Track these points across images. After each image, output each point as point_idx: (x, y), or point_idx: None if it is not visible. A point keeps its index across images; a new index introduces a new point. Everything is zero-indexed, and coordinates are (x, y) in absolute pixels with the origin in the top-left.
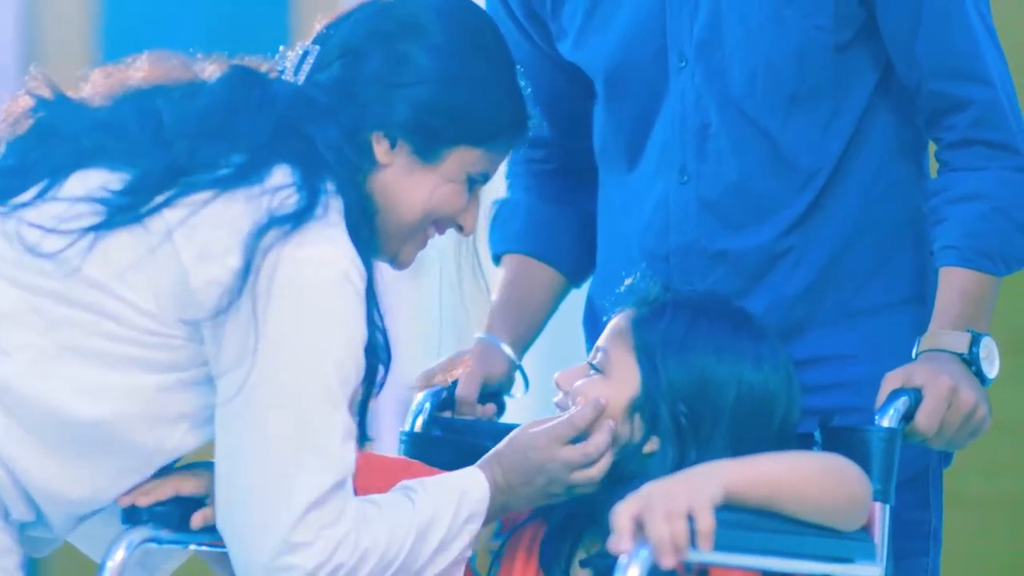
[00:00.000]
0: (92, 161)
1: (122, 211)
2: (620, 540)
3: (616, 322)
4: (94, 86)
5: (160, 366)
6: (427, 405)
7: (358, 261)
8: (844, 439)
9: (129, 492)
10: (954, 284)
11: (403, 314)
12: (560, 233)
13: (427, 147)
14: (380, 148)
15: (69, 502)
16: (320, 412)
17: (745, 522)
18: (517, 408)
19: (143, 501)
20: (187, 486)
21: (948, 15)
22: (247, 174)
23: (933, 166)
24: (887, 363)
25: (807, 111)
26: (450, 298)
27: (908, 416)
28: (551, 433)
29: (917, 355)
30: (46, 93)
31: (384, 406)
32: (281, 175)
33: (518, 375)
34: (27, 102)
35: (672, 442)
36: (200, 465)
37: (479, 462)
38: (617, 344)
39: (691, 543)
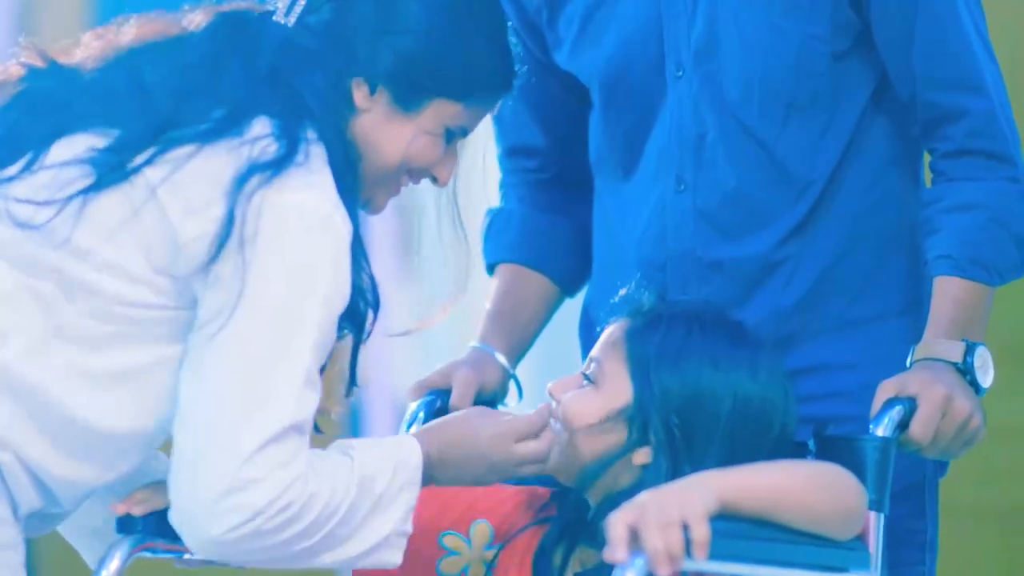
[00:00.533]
0: (78, 126)
1: (108, 170)
2: (616, 549)
3: (610, 332)
4: (86, 49)
5: (159, 339)
6: (421, 414)
7: (342, 207)
8: (839, 448)
9: (125, 500)
10: (948, 293)
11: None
12: (554, 243)
13: (407, 97)
14: (360, 93)
15: (80, 483)
16: (290, 354)
17: (740, 531)
18: None
19: (138, 510)
20: None
21: (944, 25)
22: (228, 126)
23: (927, 176)
24: (882, 373)
25: (803, 121)
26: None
27: (903, 425)
28: (506, 429)
29: (912, 364)
30: (37, 62)
31: (379, 414)
32: (261, 126)
33: (512, 384)
34: (18, 71)
35: (665, 454)
36: None
37: (415, 431)
38: (610, 355)
39: (686, 552)
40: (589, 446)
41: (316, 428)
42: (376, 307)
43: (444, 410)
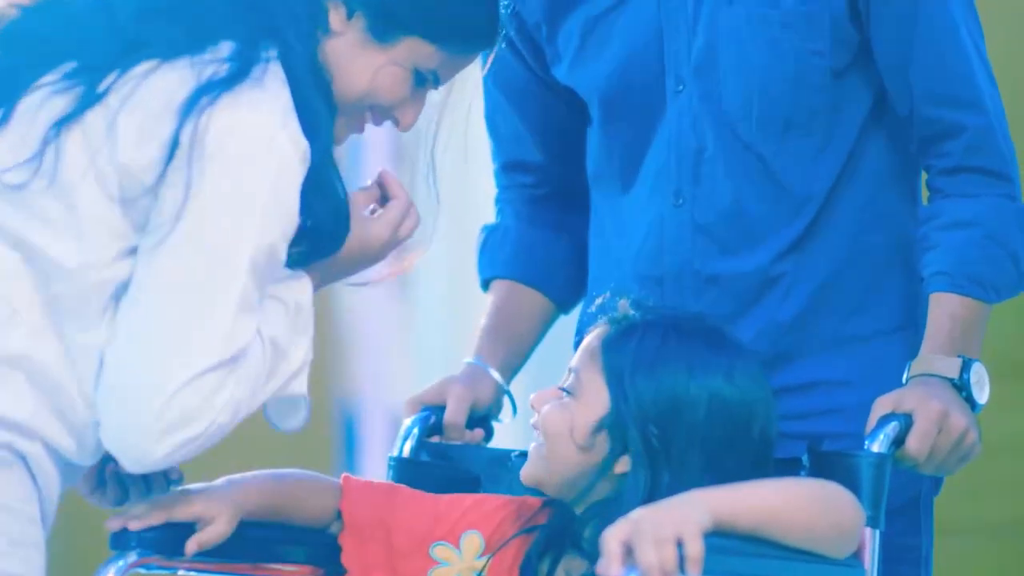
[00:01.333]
0: (51, 63)
1: (79, 97)
2: (610, 565)
3: (587, 342)
4: None
5: None
6: (415, 430)
7: (292, 128)
8: (833, 464)
9: (120, 515)
10: (945, 310)
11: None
12: (550, 259)
13: (382, 27)
14: (336, 16)
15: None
16: (226, 277)
17: (734, 548)
18: (505, 433)
19: (134, 526)
20: (179, 512)
21: (943, 41)
22: (190, 44)
23: (924, 194)
24: (879, 390)
25: (802, 136)
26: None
27: (898, 441)
28: (382, 227)
29: (908, 380)
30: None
31: (374, 428)
32: (223, 46)
33: (506, 399)
34: (9, 10)
35: (644, 464)
36: (193, 491)
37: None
38: (587, 365)
39: (680, 569)
40: (570, 459)
41: None
42: (343, 229)
43: (438, 426)
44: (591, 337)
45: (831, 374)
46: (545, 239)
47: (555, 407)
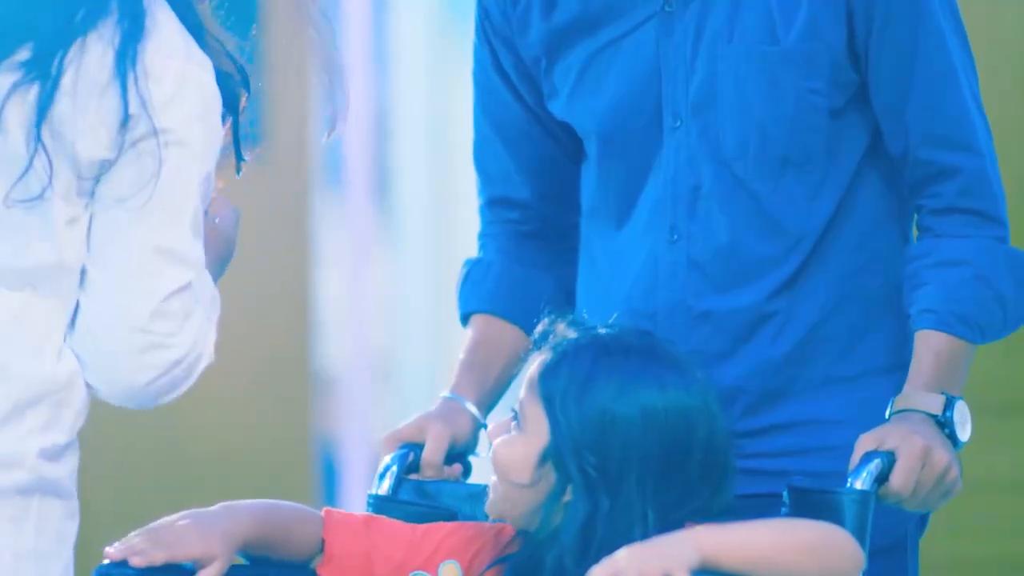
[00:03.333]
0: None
1: (39, 87)
2: None
3: (529, 371)
4: None
5: None
6: (394, 467)
7: (199, 54)
8: (816, 502)
9: (120, 546)
10: (930, 347)
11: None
12: (531, 296)
13: None
14: None
15: None
16: (187, 206)
17: None
18: (484, 468)
19: (136, 562)
20: (180, 553)
21: (941, 83)
22: (96, 12)
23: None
24: (869, 429)
25: (798, 175)
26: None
27: (881, 478)
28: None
29: (891, 415)
30: None
31: (355, 465)
32: (111, 5)
33: (484, 433)
34: None
35: (581, 490)
36: (191, 524)
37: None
38: (528, 396)
39: None
40: (522, 493)
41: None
42: (246, 85)
43: (416, 464)
44: (533, 366)
45: (822, 413)
46: (528, 275)
47: (502, 442)
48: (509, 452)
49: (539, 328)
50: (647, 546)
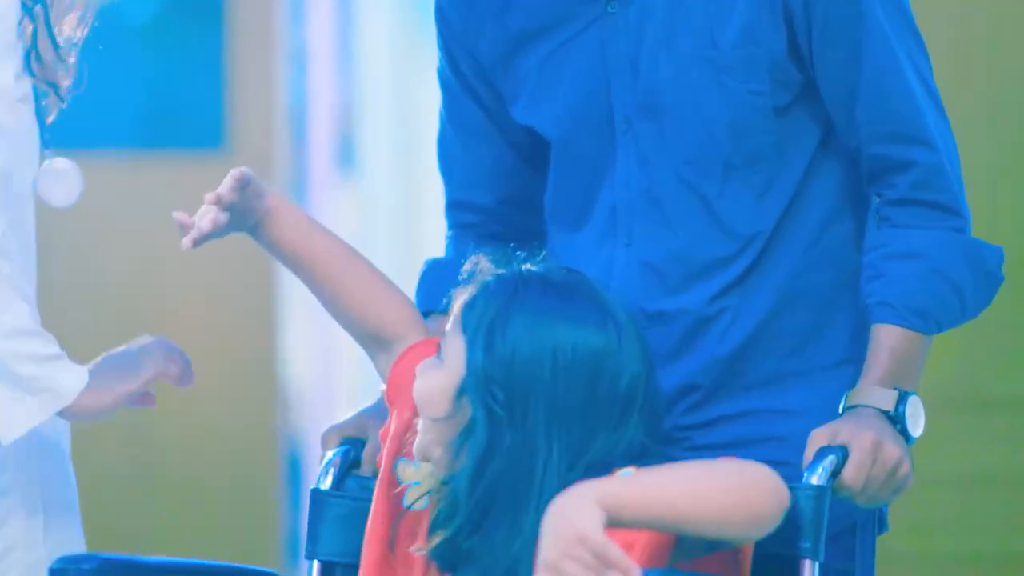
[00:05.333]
0: None
1: None
2: None
3: (455, 306)
4: None
5: None
6: (336, 464)
7: None
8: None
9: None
10: (884, 341)
11: None
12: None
13: None
14: None
15: None
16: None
17: None
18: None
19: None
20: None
21: (886, 79)
22: None
23: None
24: (820, 419)
25: (745, 177)
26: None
27: (835, 473)
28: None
29: (843, 410)
30: None
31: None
32: None
33: None
34: None
35: (484, 425)
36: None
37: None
38: (451, 330)
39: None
40: (440, 430)
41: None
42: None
43: (358, 461)
44: (457, 301)
45: (772, 404)
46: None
47: (422, 376)
48: (427, 385)
49: (467, 266)
50: (555, 527)
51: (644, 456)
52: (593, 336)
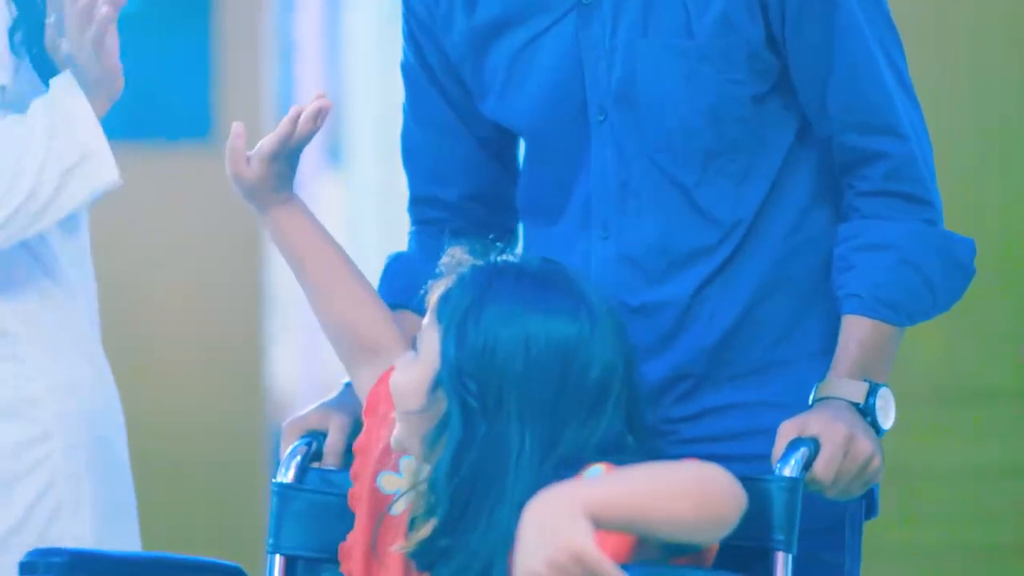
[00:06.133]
0: None
1: None
2: None
3: (431, 298)
4: None
5: None
6: (299, 456)
7: None
8: (744, 488)
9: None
10: (855, 333)
11: None
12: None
13: None
14: None
15: None
16: None
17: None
18: None
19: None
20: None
21: (858, 69)
22: None
23: None
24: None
25: (724, 165)
26: None
27: (806, 466)
28: None
29: (813, 402)
30: None
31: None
32: None
33: None
34: None
35: (459, 418)
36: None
37: None
38: (428, 322)
39: None
40: (415, 423)
41: None
42: None
43: (319, 453)
44: (434, 293)
45: (758, 396)
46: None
47: (398, 369)
48: (403, 378)
49: (444, 259)
50: (541, 535)
51: (618, 450)
52: (565, 325)
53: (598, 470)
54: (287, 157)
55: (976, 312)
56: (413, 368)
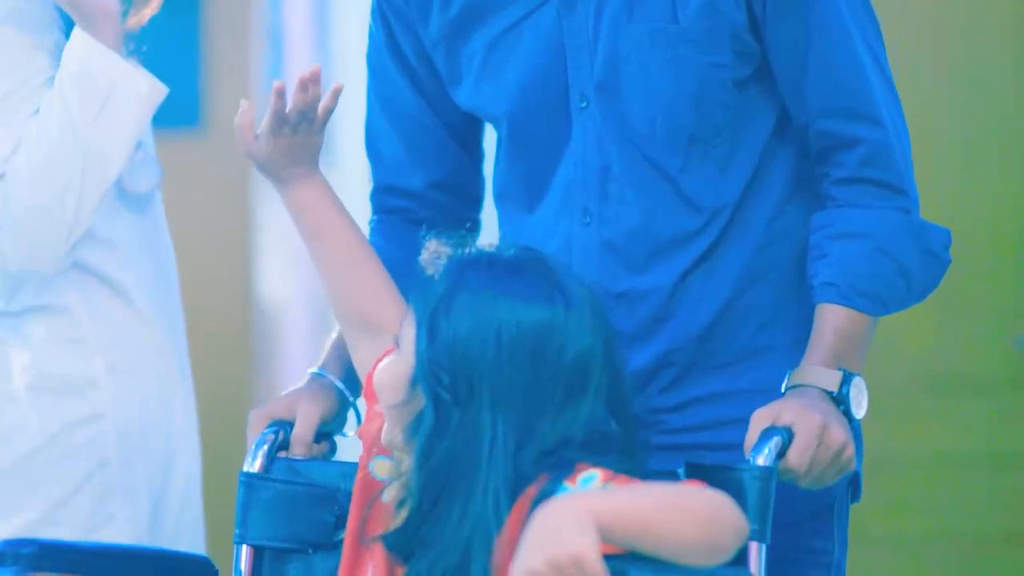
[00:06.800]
0: None
1: None
2: None
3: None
4: None
5: None
6: (265, 445)
7: None
8: (717, 478)
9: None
10: (829, 322)
11: None
12: (407, 279)
13: None
14: None
15: None
16: None
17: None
18: (350, 447)
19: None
20: None
21: (835, 54)
22: None
23: None
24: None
25: (707, 151)
26: None
27: (780, 454)
28: None
29: (787, 389)
30: None
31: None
32: None
33: (351, 413)
34: None
35: (432, 409)
36: None
37: None
38: (407, 317)
39: None
40: (397, 417)
41: None
42: None
43: (286, 443)
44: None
45: (743, 384)
46: (407, 259)
47: (382, 365)
48: (384, 373)
49: (424, 254)
50: (546, 537)
51: (604, 441)
52: (537, 310)
53: (594, 475)
54: (294, 130)
55: (964, 301)
56: (394, 363)
